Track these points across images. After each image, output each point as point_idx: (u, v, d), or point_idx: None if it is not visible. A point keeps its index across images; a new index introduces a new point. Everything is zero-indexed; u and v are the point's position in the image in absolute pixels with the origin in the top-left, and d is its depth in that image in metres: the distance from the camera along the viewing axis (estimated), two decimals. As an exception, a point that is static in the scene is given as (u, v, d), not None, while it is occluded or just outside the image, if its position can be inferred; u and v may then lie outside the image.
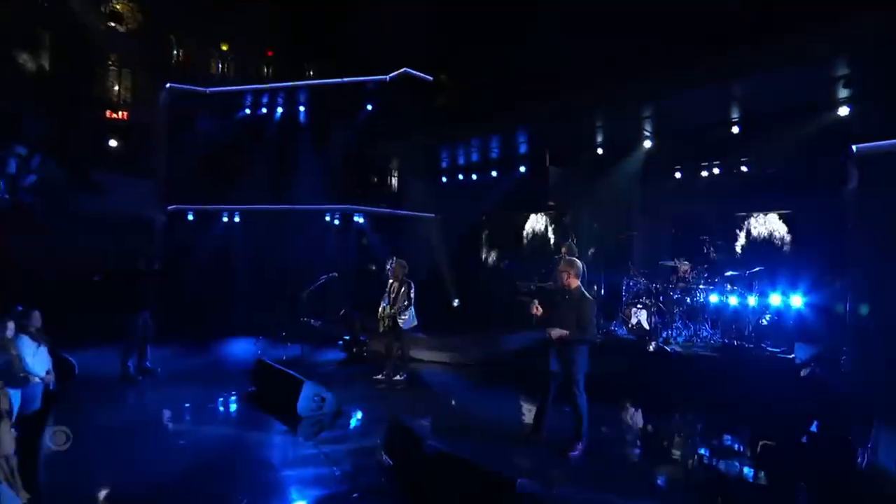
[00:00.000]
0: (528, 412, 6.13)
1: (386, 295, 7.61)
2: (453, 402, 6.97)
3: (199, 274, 11.60)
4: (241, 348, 9.85)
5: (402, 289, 7.47)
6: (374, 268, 12.30)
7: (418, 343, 9.33)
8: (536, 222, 13.30)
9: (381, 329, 7.59)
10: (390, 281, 7.63)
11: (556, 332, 4.76)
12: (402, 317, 7.48)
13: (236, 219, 12.62)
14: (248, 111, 12.22)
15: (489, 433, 5.57)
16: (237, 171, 12.01)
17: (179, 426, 6.21)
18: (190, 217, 12.32)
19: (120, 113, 11.17)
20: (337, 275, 7.65)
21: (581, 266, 5.00)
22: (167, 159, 11.36)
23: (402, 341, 7.65)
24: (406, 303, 7.43)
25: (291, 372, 6.61)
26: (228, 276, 11.97)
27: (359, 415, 6.50)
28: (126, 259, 7.90)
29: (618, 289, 9.51)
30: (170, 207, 12.08)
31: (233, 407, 6.85)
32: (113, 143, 11.21)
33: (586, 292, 5.06)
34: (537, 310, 4.91)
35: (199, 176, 11.72)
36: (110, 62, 11.37)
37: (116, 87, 11.32)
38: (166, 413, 6.46)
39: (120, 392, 7.11)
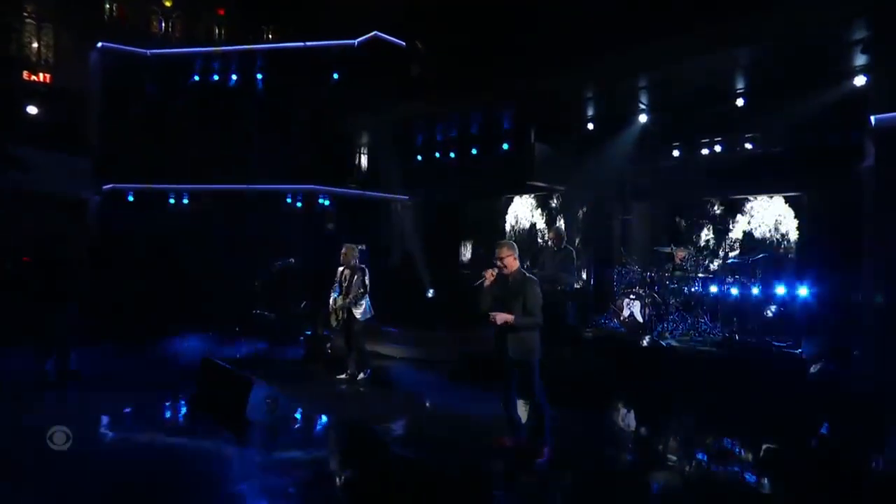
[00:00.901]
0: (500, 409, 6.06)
1: (336, 284, 7.46)
2: (427, 404, 6.91)
3: (140, 262, 11.35)
4: (189, 347, 9.58)
5: (355, 276, 7.33)
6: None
7: (388, 338, 9.42)
8: (521, 206, 13.27)
9: (335, 323, 7.46)
10: (340, 268, 7.48)
11: (501, 317, 4.67)
12: (357, 307, 7.34)
13: (184, 200, 12.26)
14: (196, 78, 11.75)
15: (464, 437, 5.49)
16: (185, 146, 11.70)
17: (103, 439, 5.83)
18: (129, 198, 11.89)
19: (41, 75, 10.51)
20: (293, 261, 7.48)
21: (515, 247, 4.96)
22: (101, 131, 10.77)
23: (359, 335, 7.52)
24: (361, 291, 7.30)
25: (240, 371, 6.36)
26: (175, 265, 11.66)
27: (317, 419, 6.36)
28: (51, 245, 7.54)
29: (609, 278, 9.54)
30: (105, 187, 11.61)
31: (171, 413, 6.57)
32: (32, 109, 10.55)
33: (527, 272, 4.96)
34: (491, 275, 4.79)
35: (140, 151, 11.31)
36: (26, 14, 10.68)
37: (35, 45, 10.63)
38: (88, 424, 6.01)
39: (33, 399, 6.66)
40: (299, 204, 12.97)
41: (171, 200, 12.16)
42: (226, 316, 10.25)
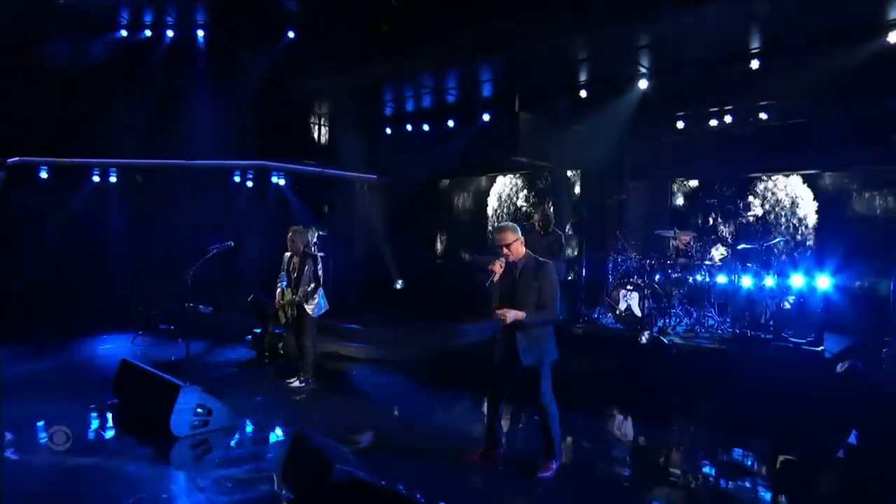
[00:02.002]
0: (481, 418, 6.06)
1: (283, 274, 7.28)
2: (393, 412, 6.81)
3: (54, 250, 11.03)
4: (112, 348, 9.32)
5: (306, 266, 7.13)
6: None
7: (350, 336, 9.39)
8: (504, 186, 13.28)
9: (284, 320, 7.29)
10: (287, 255, 7.28)
11: (513, 315, 4.48)
12: (309, 302, 7.14)
13: (111, 177, 11.86)
14: (123, 32, 11.17)
15: (434, 451, 5.38)
16: (110, 113, 11.19)
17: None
18: (42, 174, 11.40)
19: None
20: (233, 244, 6.98)
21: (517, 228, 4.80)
22: (2, 94, 10.17)
23: (310, 334, 7.31)
24: (312, 285, 7.10)
25: (165, 376, 6.06)
26: (98, 254, 11.34)
27: (257, 432, 6.06)
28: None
29: (603, 266, 9.49)
30: (10, 161, 11.05)
31: (80, 428, 6.06)
32: None
33: (539, 257, 4.83)
34: (500, 268, 4.57)
35: (56, 119, 10.75)
36: None
37: None
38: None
39: None
40: (249, 183, 12.78)
41: (95, 177, 11.77)
42: (158, 311, 10.06)
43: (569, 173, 11.73)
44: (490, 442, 5.07)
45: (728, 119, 9.34)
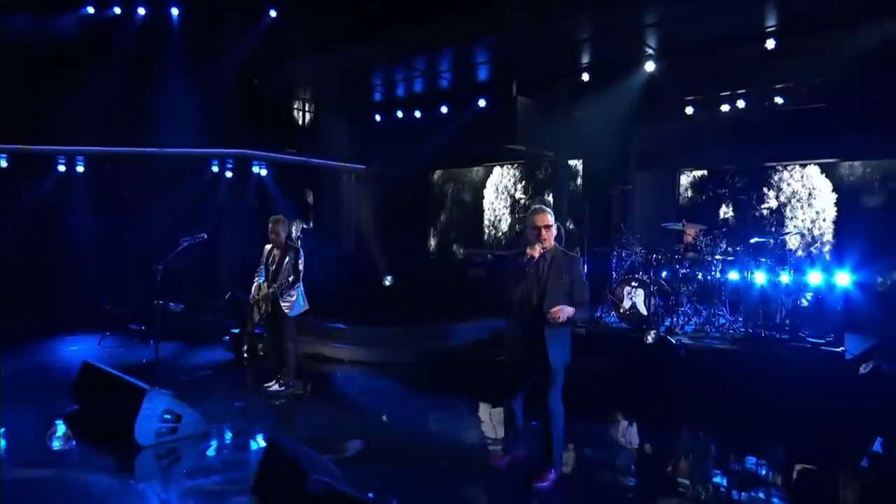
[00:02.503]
0: (488, 428, 6.17)
1: (262, 267, 7.18)
2: (381, 419, 6.77)
3: (15, 244, 10.93)
4: (77, 351, 9.17)
5: (286, 258, 7.00)
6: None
7: (335, 336, 9.32)
8: (501, 177, 13.39)
9: (256, 317, 7.21)
10: (268, 247, 7.19)
11: (567, 312, 4.47)
12: (286, 299, 7.01)
13: (78, 166, 11.79)
14: (90, 9, 11.07)
15: (426, 460, 5.32)
16: (78, 97, 10.99)
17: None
18: (2, 162, 11.35)
19: None
20: (206, 236, 6.90)
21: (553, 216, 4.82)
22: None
23: (288, 335, 7.21)
24: (291, 278, 6.96)
25: (130, 379, 5.90)
26: (64, 249, 11.26)
27: (233, 439, 5.97)
28: None
29: (607, 262, 9.44)
30: None
31: (35, 437, 5.94)
32: None
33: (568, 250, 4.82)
34: (539, 252, 4.60)
35: (16, 103, 10.60)
36: None
37: None
38: None
39: None
40: (228, 173, 12.75)
41: (61, 166, 11.69)
42: (128, 311, 9.94)
43: (570, 163, 11.79)
44: (506, 447, 5.04)
45: (741, 104, 9.28)
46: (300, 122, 13.92)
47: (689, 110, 9.74)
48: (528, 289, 4.59)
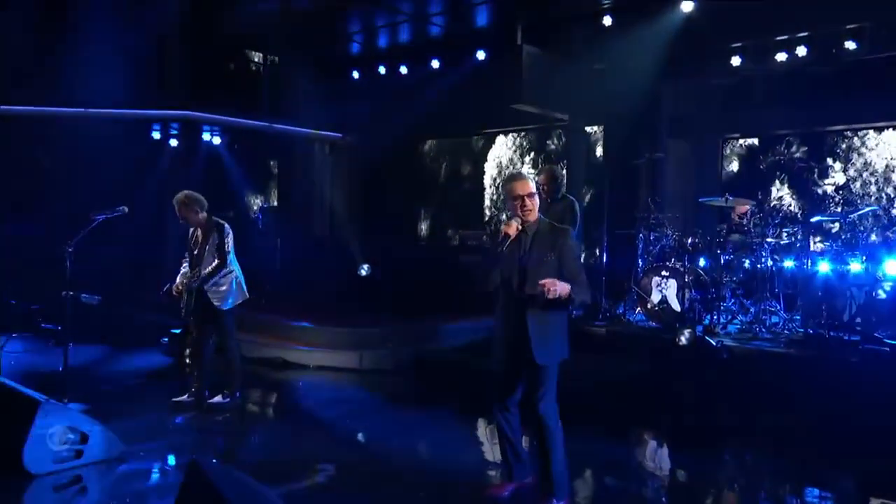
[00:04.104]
0: (486, 450, 6.20)
1: (187, 254, 7.18)
2: (359, 436, 6.83)
3: None
4: None
5: (210, 239, 6.94)
6: (231, 213, 12.12)
7: (299, 337, 9.35)
8: (505, 148, 13.32)
9: (182, 312, 7.11)
10: (192, 229, 7.21)
11: (563, 287, 4.35)
12: (215, 289, 6.90)
13: None
14: None
15: (408, 487, 5.30)
16: None
17: None
18: None
19: None
20: (126, 209, 6.92)
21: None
22: None
23: (226, 333, 7.13)
24: (215, 262, 6.85)
25: (20, 389, 5.68)
26: None
27: (153, 465, 5.84)
28: None
29: (631, 247, 9.40)
30: None
31: None
32: None
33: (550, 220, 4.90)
34: (516, 230, 4.56)
35: None
36: None
37: None
38: None
39: None
40: (173, 140, 13.00)
41: None
42: (39, 307, 9.86)
43: (587, 129, 11.73)
44: (509, 473, 4.95)
45: (801, 51, 9.07)
46: (261, 79, 14.06)
47: (736, 61, 9.57)
48: (507, 273, 4.60)
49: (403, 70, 12.49)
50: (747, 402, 6.76)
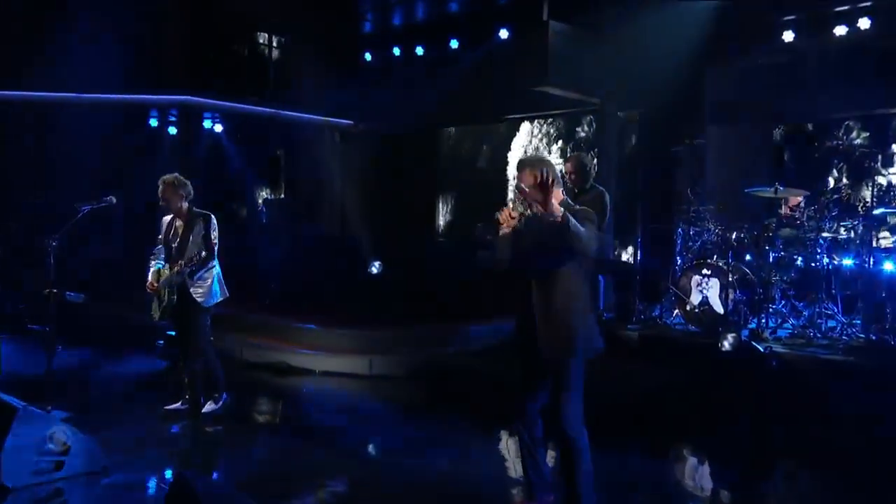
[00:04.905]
0: (508, 465, 6.13)
1: (160, 247, 7.15)
2: (370, 448, 6.90)
3: None
4: None
5: (194, 230, 6.88)
6: (235, 206, 12.66)
7: (303, 340, 9.41)
8: (530, 135, 13.35)
9: (156, 313, 7.07)
10: (167, 218, 7.16)
11: (555, 209, 3.92)
12: (198, 284, 6.86)
13: None
14: None
15: None
16: None
17: None
18: None
19: None
20: (114, 199, 6.91)
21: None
22: None
23: (203, 334, 7.06)
24: (204, 254, 6.79)
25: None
26: None
27: (139, 478, 5.83)
28: None
29: (669, 243, 9.51)
30: None
31: None
32: None
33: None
34: (508, 219, 4.25)
35: None
36: None
37: None
38: None
39: None
40: (171, 127, 13.23)
41: None
42: (26, 307, 10.03)
43: (620, 113, 11.65)
44: (529, 491, 4.89)
45: (864, 24, 8.96)
46: (265, 61, 14.19)
47: (788, 36, 9.50)
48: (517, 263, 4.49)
49: (419, 51, 12.61)
50: (799, 415, 6.70)
